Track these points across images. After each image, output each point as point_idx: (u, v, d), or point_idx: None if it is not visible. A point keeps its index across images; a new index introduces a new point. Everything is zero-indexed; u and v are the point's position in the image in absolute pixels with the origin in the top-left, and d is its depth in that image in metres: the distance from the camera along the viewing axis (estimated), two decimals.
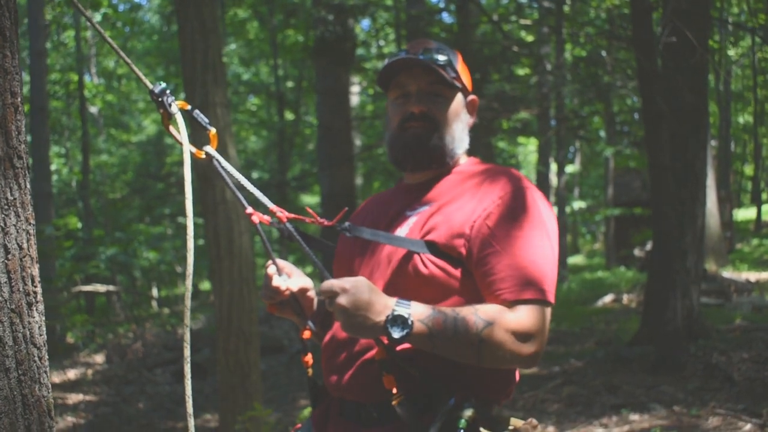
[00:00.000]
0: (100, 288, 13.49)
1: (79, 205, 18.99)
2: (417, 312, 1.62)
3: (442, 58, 1.89)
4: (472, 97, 2.00)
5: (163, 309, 15.83)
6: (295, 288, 1.88)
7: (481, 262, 1.72)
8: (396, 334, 1.59)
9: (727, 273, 13.49)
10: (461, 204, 1.80)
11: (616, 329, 9.53)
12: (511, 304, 1.68)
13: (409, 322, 1.59)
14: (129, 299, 15.62)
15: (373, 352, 1.73)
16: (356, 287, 1.59)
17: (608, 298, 12.77)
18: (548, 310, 1.71)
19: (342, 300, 1.57)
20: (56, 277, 11.84)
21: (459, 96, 1.94)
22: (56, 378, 9.66)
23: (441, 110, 1.90)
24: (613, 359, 7.53)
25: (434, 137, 1.89)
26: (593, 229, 33.43)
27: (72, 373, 10.13)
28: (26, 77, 15.11)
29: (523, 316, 1.66)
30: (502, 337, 1.63)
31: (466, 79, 1.97)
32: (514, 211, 1.75)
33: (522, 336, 1.65)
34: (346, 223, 1.86)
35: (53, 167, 18.78)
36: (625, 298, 12.54)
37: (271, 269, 1.86)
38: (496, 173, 1.87)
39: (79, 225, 14.99)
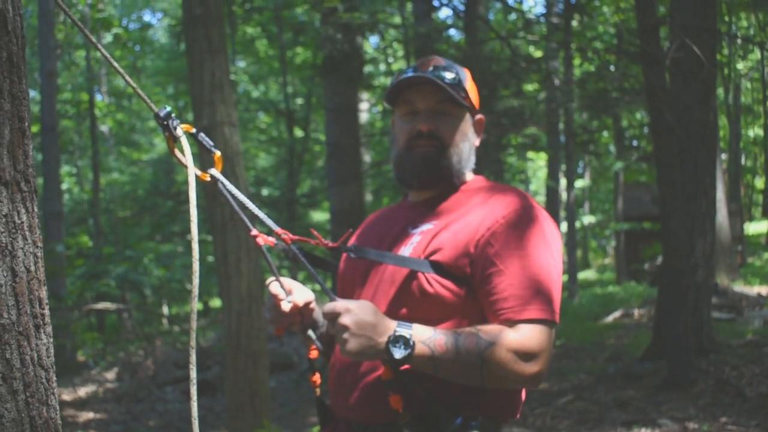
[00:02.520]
0: (111, 306, 13.52)
1: (90, 223, 19.08)
2: (418, 333, 1.61)
3: (451, 76, 1.86)
4: (479, 116, 1.97)
5: (174, 327, 15.83)
6: (300, 303, 1.83)
7: (485, 282, 1.71)
8: (397, 354, 1.57)
9: (739, 287, 13.39)
10: (465, 223, 1.78)
11: (627, 344, 9.49)
12: (513, 323, 1.66)
13: (411, 343, 1.58)
14: (139, 317, 15.62)
15: (378, 373, 1.72)
16: (361, 307, 1.59)
17: (618, 313, 12.69)
18: (552, 330, 1.69)
19: (346, 320, 1.56)
20: (67, 296, 11.89)
21: (467, 115, 1.91)
22: (67, 396, 9.68)
23: (449, 130, 1.87)
24: (623, 375, 7.49)
25: (442, 157, 1.86)
26: (603, 243, 33.36)
27: (83, 391, 10.14)
28: (37, 97, 15.24)
29: (526, 336, 1.64)
30: (504, 357, 1.62)
31: (474, 98, 1.94)
32: (518, 230, 1.74)
33: (525, 356, 1.63)
34: (351, 245, 1.86)
35: (64, 186, 18.90)
36: (636, 313, 12.47)
37: (275, 286, 1.82)
38: (501, 192, 1.85)
39: (90, 243, 15.09)
